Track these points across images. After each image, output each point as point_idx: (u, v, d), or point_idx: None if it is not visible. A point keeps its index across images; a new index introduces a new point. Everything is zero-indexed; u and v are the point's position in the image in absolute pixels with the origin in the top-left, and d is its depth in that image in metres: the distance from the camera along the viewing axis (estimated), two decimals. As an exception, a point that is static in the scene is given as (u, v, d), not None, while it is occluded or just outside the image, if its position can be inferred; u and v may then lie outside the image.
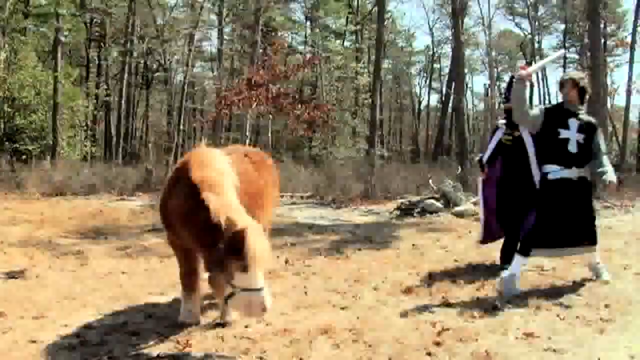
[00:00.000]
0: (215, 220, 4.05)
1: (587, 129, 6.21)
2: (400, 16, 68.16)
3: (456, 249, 7.82)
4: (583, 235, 6.23)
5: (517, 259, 6.05)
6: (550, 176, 6.09)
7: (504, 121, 7.21)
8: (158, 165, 24.79)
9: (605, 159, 6.30)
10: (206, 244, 4.11)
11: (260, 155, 6.01)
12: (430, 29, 51.43)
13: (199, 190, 4.29)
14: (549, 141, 6.17)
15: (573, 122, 6.16)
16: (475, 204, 12.29)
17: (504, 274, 6.06)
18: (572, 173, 6.10)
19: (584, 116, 6.30)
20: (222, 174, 4.53)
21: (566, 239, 6.12)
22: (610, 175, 6.19)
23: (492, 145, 7.27)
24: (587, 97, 6.47)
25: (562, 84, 6.40)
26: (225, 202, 4.21)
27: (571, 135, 6.12)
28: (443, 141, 46.48)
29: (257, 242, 3.95)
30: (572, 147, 6.10)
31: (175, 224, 4.66)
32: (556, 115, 6.20)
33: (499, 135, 7.21)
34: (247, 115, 18.21)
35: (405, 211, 13.40)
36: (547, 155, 6.22)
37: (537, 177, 6.52)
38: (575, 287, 6.07)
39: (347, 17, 44.72)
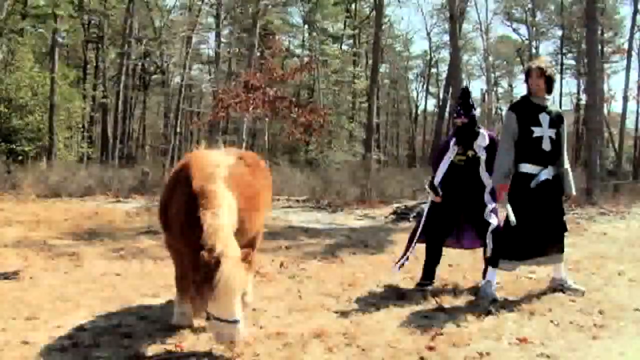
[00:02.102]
0: (203, 243, 4.04)
1: (557, 123, 6.05)
2: (397, 21, 68.30)
3: (450, 254, 7.78)
4: (553, 241, 6.04)
5: (490, 269, 6.03)
6: (533, 184, 5.84)
7: (453, 139, 6.56)
8: (154, 168, 24.75)
9: (567, 163, 6.22)
10: (195, 263, 4.06)
11: (255, 158, 5.99)
12: (428, 34, 51.53)
13: (198, 202, 4.27)
14: (522, 140, 5.95)
15: (544, 118, 5.96)
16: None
17: (481, 282, 6.13)
18: (549, 172, 5.95)
19: (552, 108, 6.14)
20: (221, 184, 4.48)
21: (536, 248, 5.93)
22: (573, 187, 6.20)
23: (444, 167, 6.49)
24: (554, 86, 6.24)
25: (527, 74, 6.13)
26: (217, 225, 4.16)
27: (544, 132, 5.93)
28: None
29: (229, 273, 3.89)
30: (546, 145, 5.92)
31: (174, 229, 4.65)
32: (526, 112, 5.99)
33: (450, 155, 6.48)
34: (244, 119, 18.20)
35: (401, 216, 13.38)
36: (521, 154, 5.96)
37: (489, 204, 6.24)
38: (568, 292, 6.06)
39: (345, 21, 44.86)
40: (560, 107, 44.02)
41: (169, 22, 39.28)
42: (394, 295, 6.12)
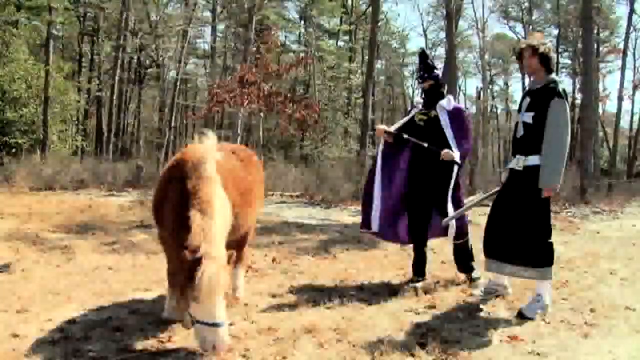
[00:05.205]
0: (189, 243, 3.97)
1: (539, 103, 5.09)
2: (394, 17, 68.01)
3: (443, 251, 7.80)
4: (524, 249, 5.19)
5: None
6: (502, 178, 5.46)
7: (421, 100, 6.53)
8: (148, 162, 24.74)
9: (550, 149, 5.05)
10: (181, 262, 4.01)
11: (247, 152, 5.97)
12: (424, 31, 51.41)
13: (189, 202, 4.22)
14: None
15: (525, 101, 5.25)
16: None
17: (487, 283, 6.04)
18: (516, 162, 5.30)
19: (550, 87, 5.09)
20: (215, 182, 4.43)
21: (509, 251, 5.28)
22: (546, 179, 5.08)
23: (402, 121, 6.52)
24: (554, 64, 5.26)
25: (520, 55, 5.30)
26: (206, 226, 4.09)
27: (520, 117, 5.25)
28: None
29: (210, 274, 3.79)
30: (519, 132, 5.25)
31: (167, 226, 4.61)
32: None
33: (412, 113, 6.51)
34: (239, 113, 18.16)
35: (395, 212, 13.35)
36: None
37: (457, 157, 6.03)
38: (560, 291, 6.07)
39: (341, 17, 44.81)
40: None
41: (165, 16, 39.11)
42: (386, 291, 6.12)
